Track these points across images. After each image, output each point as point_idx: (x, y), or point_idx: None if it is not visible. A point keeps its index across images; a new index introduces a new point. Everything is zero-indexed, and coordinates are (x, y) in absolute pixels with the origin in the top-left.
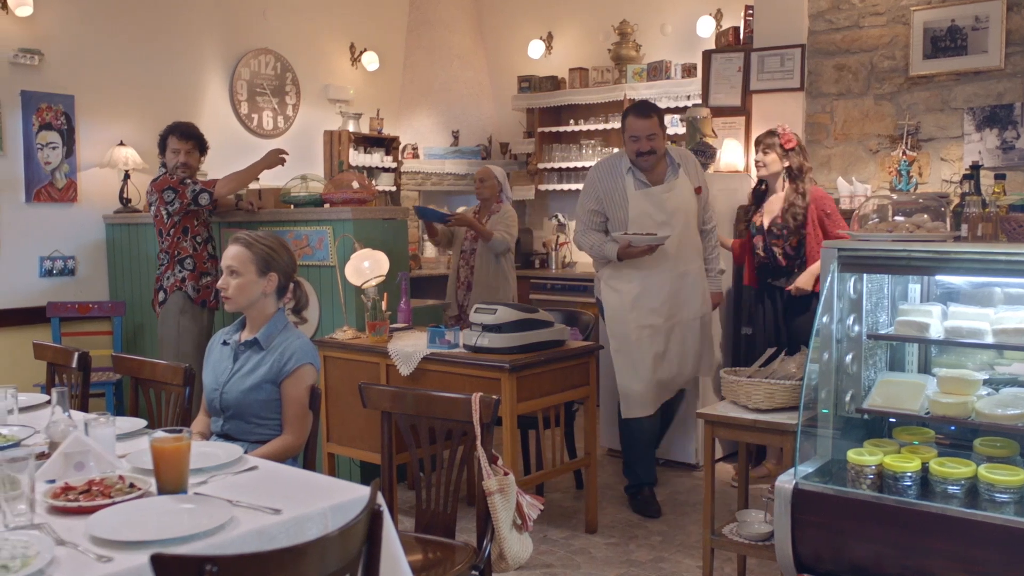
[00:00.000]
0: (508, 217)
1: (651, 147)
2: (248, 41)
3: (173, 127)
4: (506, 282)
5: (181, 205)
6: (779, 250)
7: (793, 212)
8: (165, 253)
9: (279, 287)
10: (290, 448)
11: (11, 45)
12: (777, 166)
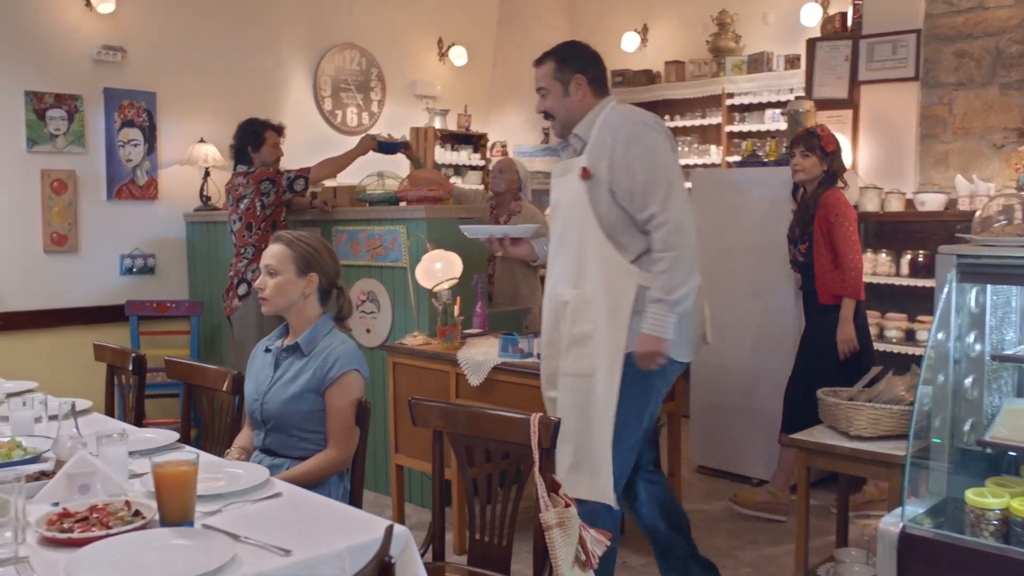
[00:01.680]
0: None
1: (542, 107)
2: (332, 36)
3: (265, 122)
4: (533, 292)
5: (277, 195)
6: (791, 256)
7: (802, 215)
8: (251, 247)
9: (321, 290)
10: (334, 464)
11: (94, 42)
12: (817, 170)
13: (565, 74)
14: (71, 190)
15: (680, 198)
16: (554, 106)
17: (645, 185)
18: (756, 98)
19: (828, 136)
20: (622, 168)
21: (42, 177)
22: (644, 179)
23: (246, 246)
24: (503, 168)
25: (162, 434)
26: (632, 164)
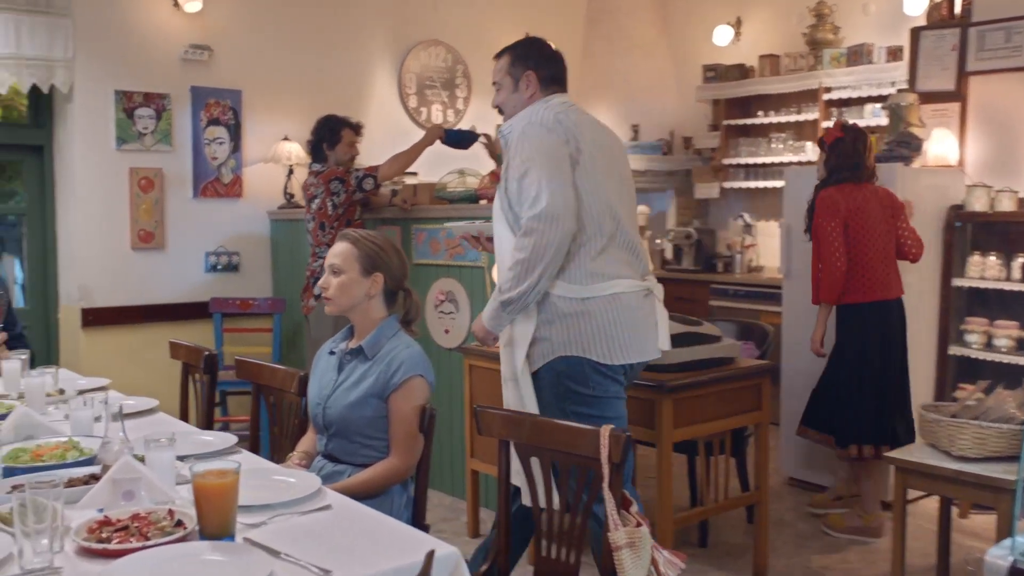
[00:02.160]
0: None
1: (495, 102)
2: (418, 33)
3: (343, 119)
4: None
5: (347, 195)
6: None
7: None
8: (325, 247)
9: (386, 291)
10: (396, 473)
11: (182, 42)
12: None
13: (517, 69)
14: (158, 188)
15: (550, 203)
16: (505, 100)
17: (520, 188)
18: (855, 92)
19: (830, 130)
20: (510, 170)
21: (130, 175)
22: (518, 184)
23: (320, 245)
24: None
25: (221, 437)
26: (512, 167)
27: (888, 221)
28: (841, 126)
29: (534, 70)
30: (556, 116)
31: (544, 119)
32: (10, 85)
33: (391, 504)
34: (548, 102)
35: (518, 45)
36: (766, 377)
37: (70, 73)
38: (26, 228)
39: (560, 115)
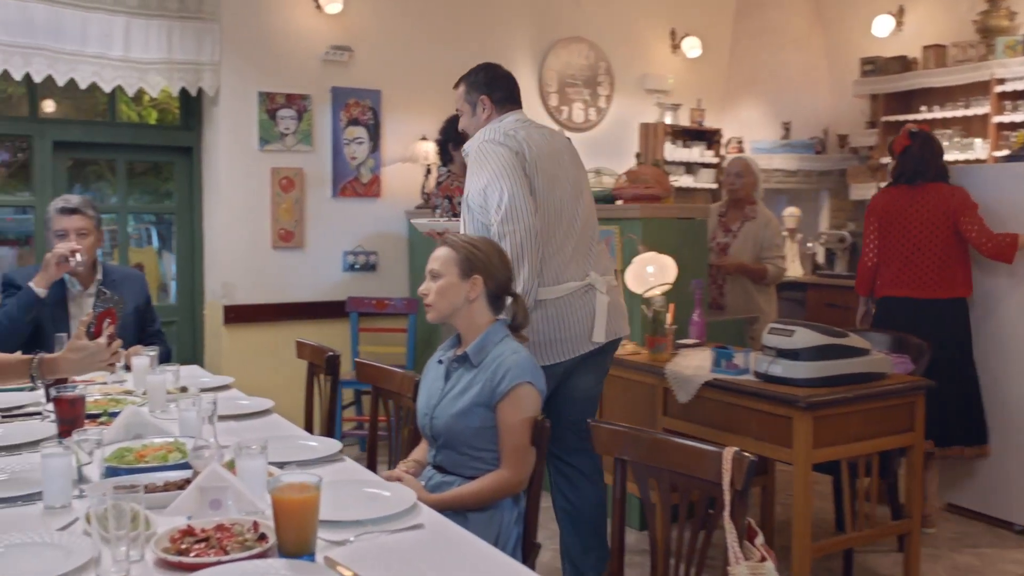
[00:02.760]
0: (776, 234)
1: (460, 127)
2: (559, 30)
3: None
4: (769, 301)
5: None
6: None
7: None
8: None
9: (489, 295)
10: (506, 486)
11: (323, 43)
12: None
13: (472, 95)
14: (298, 187)
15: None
16: (467, 124)
17: (484, 200)
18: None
19: (898, 139)
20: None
21: (272, 175)
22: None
23: None
24: (740, 171)
25: (325, 443)
26: (473, 181)
27: (937, 222)
28: (908, 133)
29: (487, 94)
30: (506, 132)
31: (495, 136)
32: (161, 88)
33: (500, 518)
34: (501, 121)
35: (471, 73)
36: (920, 395)
37: (216, 76)
38: (176, 226)
39: (510, 131)
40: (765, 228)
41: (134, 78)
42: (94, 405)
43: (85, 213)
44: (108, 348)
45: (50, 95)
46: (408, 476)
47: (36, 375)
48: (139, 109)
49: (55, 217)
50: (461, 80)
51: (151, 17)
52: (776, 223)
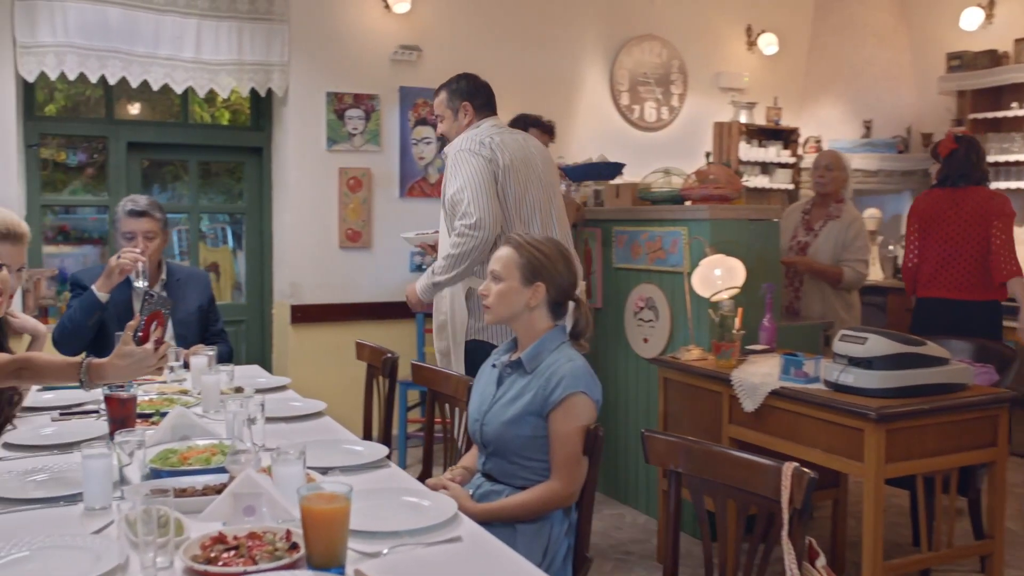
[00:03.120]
0: (858, 235)
1: (439, 131)
2: (632, 28)
3: (534, 119)
4: (848, 307)
5: None
6: None
7: None
8: None
9: (550, 302)
10: (556, 498)
11: (392, 42)
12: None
13: (454, 102)
14: (366, 187)
15: (478, 217)
16: (448, 129)
17: (453, 202)
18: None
19: (943, 142)
20: (448, 186)
21: (340, 175)
22: (455, 196)
23: None
24: (830, 164)
25: (372, 449)
26: (449, 184)
27: (974, 225)
28: (954, 137)
29: (469, 100)
30: (481, 140)
31: (471, 145)
32: (231, 89)
33: (550, 530)
34: (479, 127)
35: (452, 82)
36: (1004, 407)
37: (285, 76)
38: (246, 226)
39: (484, 138)
40: (848, 229)
41: (204, 79)
42: (148, 404)
43: (153, 216)
44: (155, 353)
45: (127, 97)
46: (454, 485)
47: (84, 380)
48: (212, 110)
49: (123, 219)
50: (442, 88)
51: (221, 19)
52: (862, 224)
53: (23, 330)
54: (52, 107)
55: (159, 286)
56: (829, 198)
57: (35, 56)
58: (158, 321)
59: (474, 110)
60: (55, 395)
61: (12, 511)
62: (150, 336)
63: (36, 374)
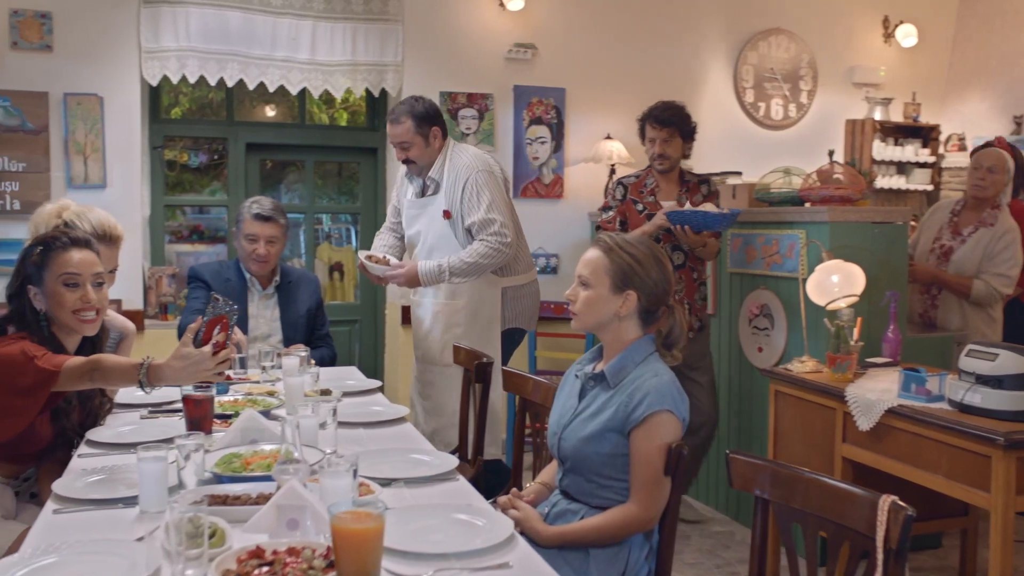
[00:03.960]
0: (1008, 247)
1: (404, 156)
2: (758, 22)
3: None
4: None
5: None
6: None
7: None
8: None
9: (641, 311)
10: (634, 522)
11: (506, 41)
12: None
13: (424, 128)
14: None
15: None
16: (419, 156)
17: (485, 222)
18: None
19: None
20: (468, 210)
21: None
22: (487, 217)
23: None
24: (993, 167)
25: (441, 459)
26: (474, 205)
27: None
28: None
29: (437, 124)
30: (484, 159)
31: (483, 164)
32: (345, 89)
33: (627, 555)
34: (461, 146)
35: (410, 107)
36: None
37: (399, 76)
38: (361, 226)
39: (487, 157)
40: (1000, 238)
41: (319, 80)
42: (231, 405)
43: (277, 221)
44: (213, 357)
45: (249, 100)
46: (524, 505)
47: (143, 381)
48: (331, 111)
49: (248, 221)
50: (402, 115)
51: (336, 20)
52: (1015, 237)
53: (112, 328)
54: (177, 110)
55: (272, 288)
56: (985, 203)
57: (158, 60)
58: (221, 326)
59: (442, 132)
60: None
61: (69, 511)
62: (211, 339)
63: (105, 376)
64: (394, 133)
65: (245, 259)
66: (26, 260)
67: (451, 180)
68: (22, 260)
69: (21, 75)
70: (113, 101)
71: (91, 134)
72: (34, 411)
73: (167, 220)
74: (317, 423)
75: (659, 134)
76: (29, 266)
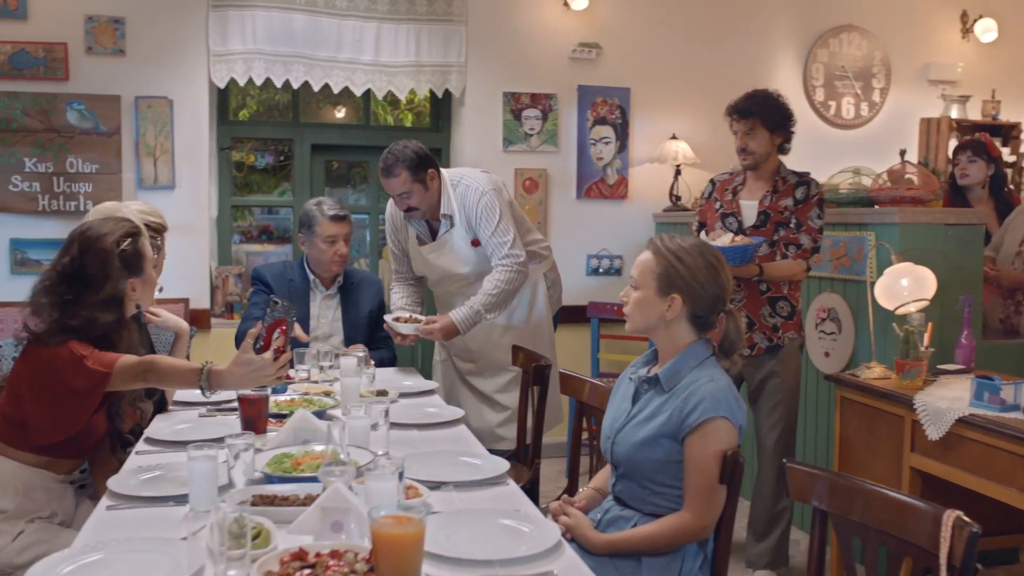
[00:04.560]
0: None
1: (406, 205)
2: (828, 18)
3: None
4: None
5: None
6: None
7: None
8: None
9: (691, 315)
10: (687, 532)
11: (571, 40)
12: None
13: (420, 175)
14: (542, 189)
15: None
16: (420, 202)
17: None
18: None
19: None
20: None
21: (515, 176)
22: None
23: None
24: None
25: (492, 463)
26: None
27: None
28: None
29: (432, 167)
30: (483, 178)
31: (487, 184)
32: (409, 90)
33: (680, 564)
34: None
35: (405, 157)
36: None
37: (463, 77)
38: None
39: (482, 175)
40: None
41: (383, 81)
42: (286, 405)
43: (350, 219)
44: (274, 363)
45: (315, 101)
46: (576, 512)
47: (204, 387)
48: (396, 112)
49: (325, 223)
50: (399, 168)
51: (400, 21)
52: None
53: (165, 328)
54: (245, 112)
55: (334, 288)
56: None
57: (226, 63)
58: (280, 330)
59: (436, 171)
60: None
61: (122, 507)
62: (271, 345)
63: (160, 377)
64: (391, 186)
65: (325, 262)
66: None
67: (464, 209)
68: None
69: (95, 79)
70: (182, 104)
71: (161, 136)
72: (90, 410)
73: (235, 221)
74: (368, 424)
75: (740, 126)
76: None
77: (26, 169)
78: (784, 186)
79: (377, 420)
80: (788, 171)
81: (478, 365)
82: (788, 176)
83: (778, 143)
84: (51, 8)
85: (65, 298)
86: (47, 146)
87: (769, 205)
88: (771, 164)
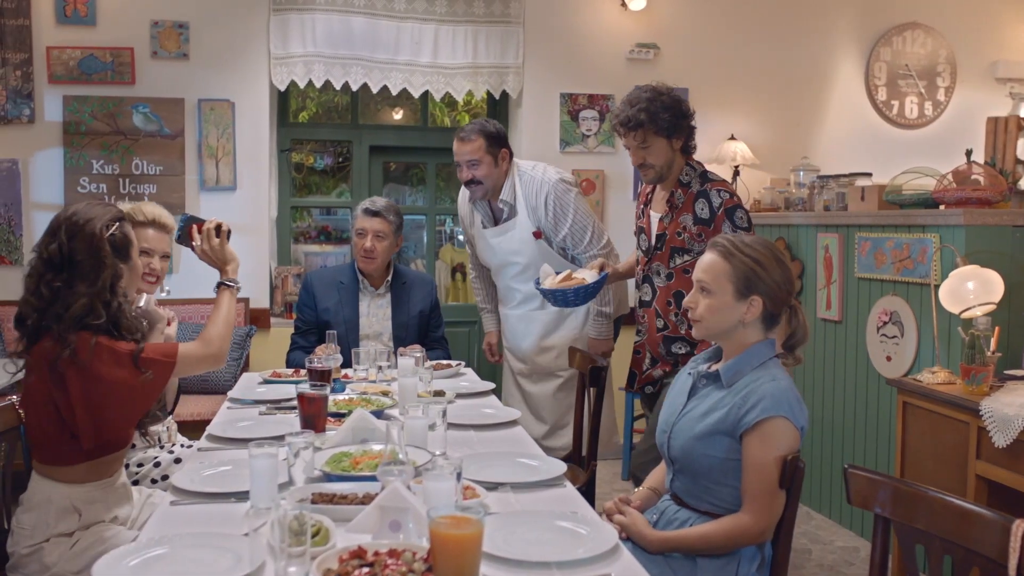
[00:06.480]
0: None
1: (472, 175)
2: (892, 16)
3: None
4: None
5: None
6: None
7: None
8: None
9: (766, 315)
10: (745, 534)
11: (628, 41)
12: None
13: (494, 149)
14: (599, 190)
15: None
16: (486, 175)
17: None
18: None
19: None
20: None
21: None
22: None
23: None
24: None
25: (551, 465)
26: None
27: None
28: None
29: (506, 147)
30: (553, 170)
31: (558, 175)
32: (466, 92)
33: (736, 567)
34: (526, 163)
35: (483, 127)
36: None
37: (520, 78)
38: None
39: (551, 168)
40: None
41: (441, 83)
42: (346, 404)
43: (386, 217)
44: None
45: (374, 103)
46: (631, 511)
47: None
48: (453, 114)
49: (359, 217)
50: (475, 133)
51: (458, 23)
52: None
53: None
54: (304, 114)
55: (384, 288)
56: None
57: (286, 66)
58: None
59: (510, 154)
60: (267, 388)
61: (185, 503)
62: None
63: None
64: (463, 151)
65: (356, 256)
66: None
67: (530, 199)
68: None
69: (159, 82)
70: (244, 106)
71: (223, 138)
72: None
73: (295, 221)
74: (426, 424)
75: (631, 141)
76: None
77: (94, 171)
78: (685, 197)
79: (435, 420)
80: (693, 175)
81: (528, 367)
82: (692, 182)
83: (679, 147)
84: (118, 14)
85: (55, 285)
86: (114, 148)
87: (667, 225)
88: (676, 170)
